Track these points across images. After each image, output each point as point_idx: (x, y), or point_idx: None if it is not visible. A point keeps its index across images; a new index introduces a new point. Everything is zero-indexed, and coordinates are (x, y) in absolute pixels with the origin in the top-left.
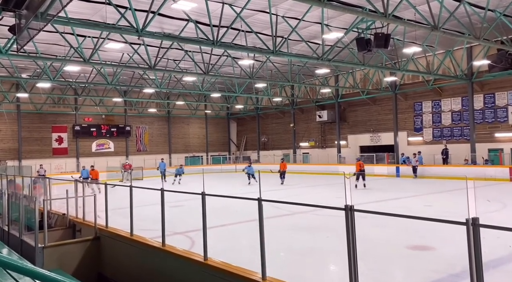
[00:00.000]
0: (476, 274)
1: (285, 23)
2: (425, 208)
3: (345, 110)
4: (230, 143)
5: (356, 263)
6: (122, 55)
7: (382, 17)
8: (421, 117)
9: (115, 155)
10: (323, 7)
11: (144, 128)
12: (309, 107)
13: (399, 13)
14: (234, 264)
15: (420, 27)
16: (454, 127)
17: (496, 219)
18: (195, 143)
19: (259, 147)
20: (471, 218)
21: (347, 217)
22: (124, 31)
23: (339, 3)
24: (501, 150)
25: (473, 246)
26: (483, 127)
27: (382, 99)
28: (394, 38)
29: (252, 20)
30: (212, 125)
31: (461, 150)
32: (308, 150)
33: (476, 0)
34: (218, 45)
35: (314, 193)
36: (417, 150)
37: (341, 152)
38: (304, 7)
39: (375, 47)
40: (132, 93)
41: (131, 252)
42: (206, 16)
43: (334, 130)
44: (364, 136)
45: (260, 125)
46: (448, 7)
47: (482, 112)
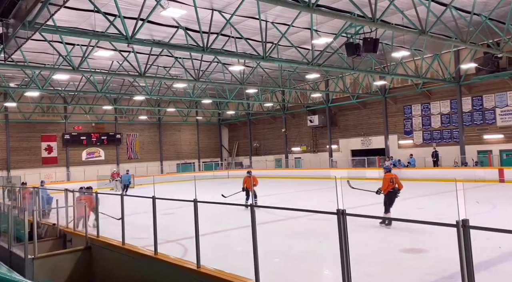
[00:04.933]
0: (468, 276)
1: (274, 29)
2: (418, 210)
3: (336, 115)
4: (222, 149)
5: (349, 267)
6: (111, 62)
7: (370, 22)
8: (411, 121)
9: (105, 163)
10: (312, 12)
11: (135, 135)
12: (300, 112)
13: (387, 18)
14: (227, 271)
15: (408, 31)
16: (444, 130)
17: (487, 220)
18: (187, 149)
19: (251, 153)
20: (461, 220)
21: (339, 221)
22: (113, 39)
23: (328, 8)
24: (490, 151)
25: (463, 247)
26: (472, 129)
27: (372, 103)
28: (382, 43)
29: (242, 26)
30: (203, 132)
31: (451, 152)
32: (300, 155)
33: (462, 4)
34: (208, 51)
35: (307, 198)
36: (409, 153)
37: (333, 156)
38: (293, 13)
39: (364, 52)
40: (122, 101)
41: (123, 261)
42: (196, 22)
43: (325, 135)
44: (355, 140)
45: (252, 131)
46: (435, 12)
47: (470, 114)
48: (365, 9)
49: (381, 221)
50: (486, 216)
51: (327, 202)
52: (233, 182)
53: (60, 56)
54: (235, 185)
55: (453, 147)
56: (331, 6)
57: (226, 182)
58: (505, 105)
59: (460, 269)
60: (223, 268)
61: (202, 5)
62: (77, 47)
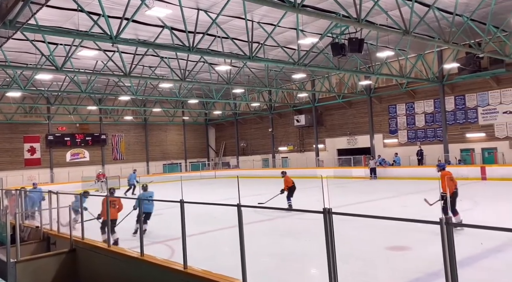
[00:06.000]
0: (451, 272)
1: (261, 29)
2: (403, 208)
3: (322, 114)
4: (209, 149)
5: (336, 266)
6: (96, 62)
7: (355, 22)
8: (395, 120)
9: (90, 164)
10: (298, 13)
11: (120, 136)
12: (287, 112)
13: (371, 18)
14: (215, 272)
15: (392, 31)
16: (428, 129)
17: (470, 218)
18: (173, 150)
19: (238, 152)
20: (444, 217)
21: (326, 220)
22: (98, 39)
23: (313, 9)
24: (472, 149)
25: (446, 244)
26: (455, 128)
27: (358, 102)
28: (367, 43)
29: (228, 26)
30: (190, 132)
31: (434, 150)
32: (287, 154)
33: (444, 5)
34: (194, 51)
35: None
36: (394, 152)
37: (319, 155)
38: (279, 13)
39: (350, 52)
40: (107, 101)
41: (108, 264)
42: (182, 22)
43: (312, 134)
44: (341, 140)
45: (239, 131)
46: (418, 12)
47: (453, 113)
48: (350, 10)
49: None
50: (468, 213)
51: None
52: (220, 182)
53: (43, 55)
54: (222, 185)
55: (436, 145)
56: (316, 7)
57: (213, 182)
58: (486, 105)
59: (444, 265)
60: (210, 268)
61: (188, 5)
62: (60, 47)
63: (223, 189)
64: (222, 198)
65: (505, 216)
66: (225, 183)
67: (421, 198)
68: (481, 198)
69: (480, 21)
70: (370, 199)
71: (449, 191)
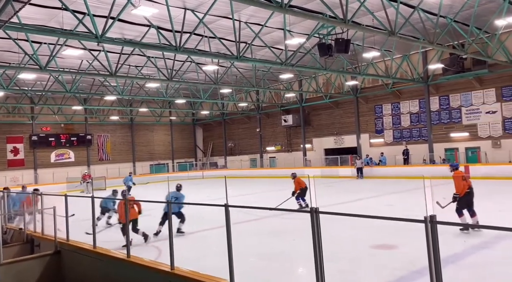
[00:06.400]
0: (435, 270)
1: (248, 29)
2: (388, 207)
3: (309, 114)
4: (196, 149)
5: (322, 265)
6: (81, 62)
7: (341, 23)
8: (381, 120)
9: (76, 165)
10: (285, 13)
11: (106, 136)
12: (274, 112)
13: (358, 19)
14: (202, 272)
15: (378, 32)
16: (413, 129)
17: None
18: (160, 150)
19: (225, 153)
20: (428, 215)
21: (313, 219)
22: (83, 38)
23: (300, 9)
24: (457, 149)
25: (431, 242)
26: (439, 128)
27: (344, 102)
28: (354, 43)
29: (215, 26)
30: (177, 132)
31: (420, 150)
32: (275, 154)
33: (429, 6)
34: (181, 51)
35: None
36: (380, 151)
37: (307, 155)
38: (266, 13)
39: (336, 52)
40: (92, 101)
41: (94, 265)
42: (168, 21)
43: (299, 134)
44: (328, 139)
45: (227, 131)
46: (404, 13)
47: (438, 113)
48: (336, 10)
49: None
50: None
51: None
52: (207, 182)
53: (26, 54)
54: (210, 185)
55: (422, 145)
56: (303, 7)
57: (201, 183)
58: (470, 105)
59: (428, 263)
60: (197, 269)
61: (175, 4)
62: (44, 46)
63: (210, 189)
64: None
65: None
66: (213, 183)
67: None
68: None
69: (464, 22)
70: (357, 198)
71: (462, 191)
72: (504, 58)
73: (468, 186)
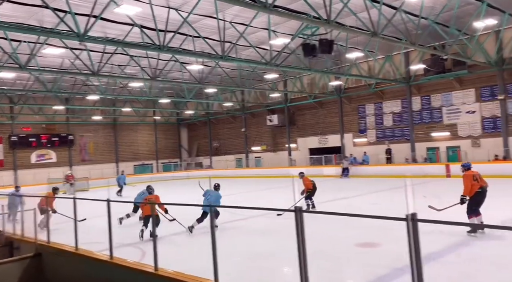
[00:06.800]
0: (416, 267)
1: (233, 28)
2: (371, 206)
3: (294, 114)
4: (181, 150)
5: (306, 264)
6: (62, 60)
7: (325, 23)
8: (365, 120)
9: (57, 165)
10: (269, 13)
11: (89, 137)
12: (259, 111)
13: (341, 20)
14: (186, 273)
15: (361, 33)
16: (395, 128)
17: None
18: (144, 150)
19: (211, 153)
20: (410, 213)
21: (297, 218)
22: (64, 36)
23: (285, 9)
24: (438, 148)
25: (412, 240)
26: (421, 127)
27: (329, 102)
28: (337, 44)
29: (200, 25)
30: (161, 132)
31: (402, 149)
32: (260, 154)
33: (411, 8)
34: (165, 50)
35: (267, 197)
36: (363, 151)
37: (292, 154)
38: (251, 13)
39: (320, 53)
40: (74, 101)
41: (76, 268)
42: (152, 20)
43: (284, 134)
44: (313, 139)
45: (212, 131)
46: (386, 15)
47: (420, 113)
48: (320, 11)
49: (469, 230)
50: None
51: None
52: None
53: (5, 53)
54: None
55: (404, 144)
56: (288, 7)
57: (186, 183)
58: (450, 105)
59: (410, 260)
60: (182, 270)
61: (158, 3)
62: (24, 44)
63: (196, 189)
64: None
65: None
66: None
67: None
68: (446, 194)
69: (444, 24)
70: (341, 197)
71: (472, 191)
72: (483, 60)
73: (480, 186)
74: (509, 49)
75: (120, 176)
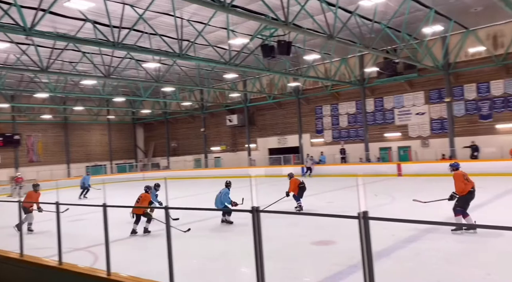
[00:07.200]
0: (368, 263)
1: (191, 27)
2: (326, 204)
3: (254, 114)
4: (137, 150)
5: (263, 263)
6: (7, 56)
7: (283, 25)
8: (321, 120)
9: (2, 167)
10: (228, 13)
11: (37, 136)
12: (219, 111)
13: (299, 22)
14: (141, 277)
15: (317, 35)
16: (350, 129)
17: (387, 211)
18: (98, 150)
19: (168, 153)
20: (362, 211)
21: (254, 218)
22: (8, 30)
23: (243, 9)
24: (390, 148)
25: (364, 237)
26: (374, 128)
27: (287, 103)
28: (295, 46)
29: (156, 22)
30: (116, 132)
31: (357, 149)
32: (220, 154)
33: (365, 12)
34: (120, 47)
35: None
36: (320, 150)
37: (251, 154)
38: (209, 11)
39: (279, 54)
40: (21, 98)
41: (21, 275)
42: (106, 16)
43: (244, 134)
44: (272, 139)
45: (170, 131)
46: (342, 18)
47: (373, 114)
48: (278, 12)
49: (454, 228)
50: (386, 207)
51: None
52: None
53: None
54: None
55: (358, 144)
56: (246, 8)
57: (142, 184)
58: (401, 106)
59: (361, 257)
60: (136, 273)
61: None
62: None
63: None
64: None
65: (418, 209)
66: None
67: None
68: (397, 192)
69: (396, 29)
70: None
71: (465, 190)
72: (431, 64)
73: (472, 186)
74: (455, 55)
75: (85, 176)
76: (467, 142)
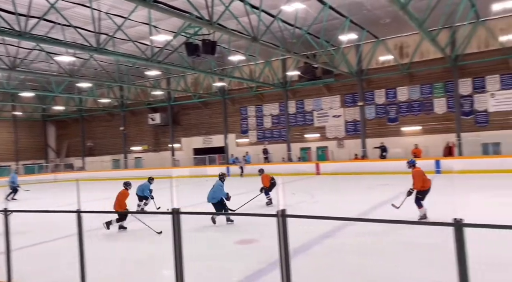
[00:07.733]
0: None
1: (110, 20)
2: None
3: (178, 113)
4: (47, 149)
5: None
6: None
7: (207, 24)
8: (246, 121)
9: None
10: (149, 8)
11: None
12: (140, 109)
13: (223, 22)
14: None
15: (242, 37)
16: (274, 129)
17: (306, 209)
18: (2, 150)
19: (84, 153)
20: (280, 210)
21: (174, 220)
22: None
23: (167, 6)
24: (309, 148)
25: (282, 234)
26: (296, 129)
27: (213, 103)
28: (220, 46)
29: (71, 13)
30: (23, 129)
31: (280, 149)
32: (141, 154)
33: (287, 17)
34: (27, 37)
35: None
36: (245, 151)
37: (175, 154)
38: (130, 5)
39: (203, 53)
40: None
41: None
42: (10, 2)
43: (167, 134)
44: (197, 139)
45: (85, 129)
46: (265, 21)
47: (295, 116)
48: (203, 11)
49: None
50: (305, 205)
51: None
52: (60, 186)
53: None
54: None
55: (281, 144)
56: (169, 4)
57: (53, 187)
58: (320, 109)
59: (279, 254)
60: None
61: None
62: None
63: (64, 193)
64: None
65: (334, 205)
66: (66, 187)
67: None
68: (316, 190)
69: (315, 35)
70: None
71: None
72: (346, 70)
73: (430, 183)
74: (367, 62)
75: (13, 175)
76: (377, 143)
